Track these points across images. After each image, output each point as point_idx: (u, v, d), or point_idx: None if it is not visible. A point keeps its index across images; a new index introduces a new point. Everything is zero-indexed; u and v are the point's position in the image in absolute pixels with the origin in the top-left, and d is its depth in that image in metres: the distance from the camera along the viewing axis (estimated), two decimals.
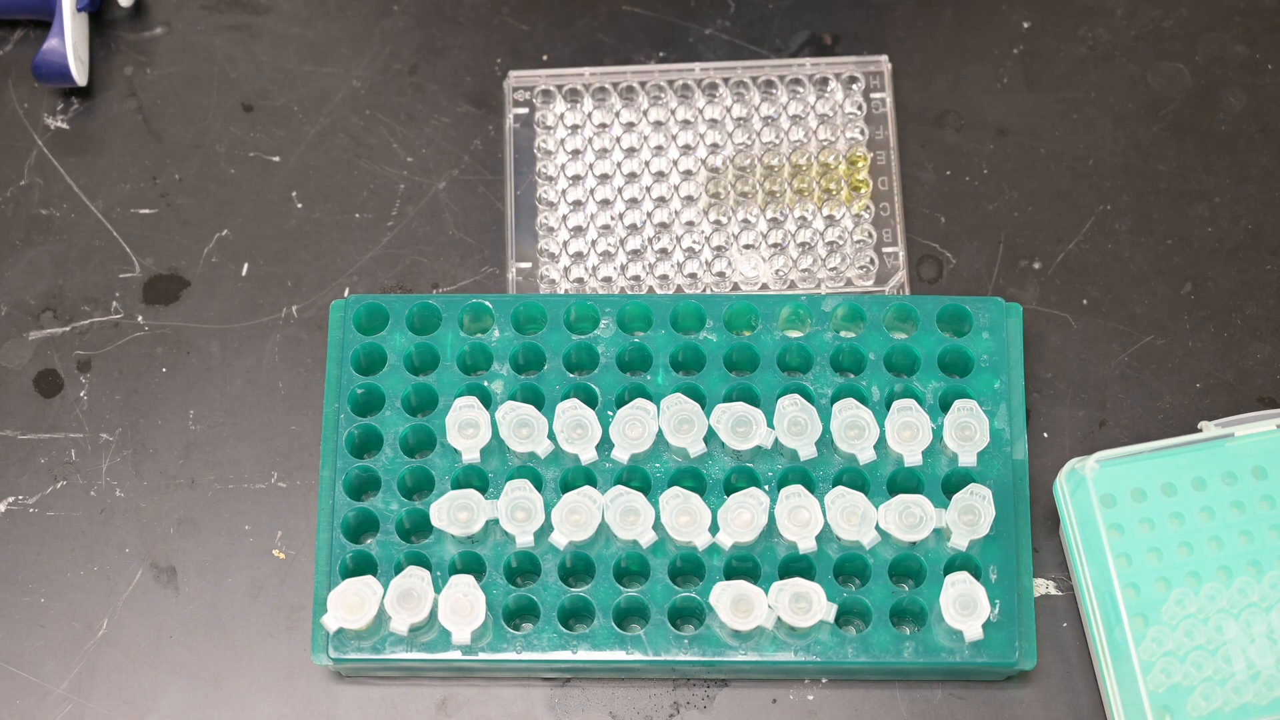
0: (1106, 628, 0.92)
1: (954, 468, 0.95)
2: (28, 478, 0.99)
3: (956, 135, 1.05)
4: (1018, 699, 0.95)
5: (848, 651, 0.92)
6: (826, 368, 0.96)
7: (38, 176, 1.05)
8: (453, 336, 0.98)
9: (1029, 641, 0.92)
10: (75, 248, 1.04)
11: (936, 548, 0.93)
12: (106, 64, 1.07)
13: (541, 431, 0.95)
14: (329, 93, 1.06)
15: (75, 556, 0.98)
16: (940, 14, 1.08)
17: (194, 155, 1.06)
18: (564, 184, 1.03)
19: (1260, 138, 1.05)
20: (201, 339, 1.02)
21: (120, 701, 0.95)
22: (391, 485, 0.95)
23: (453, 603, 0.92)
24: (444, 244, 1.03)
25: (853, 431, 0.94)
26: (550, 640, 0.92)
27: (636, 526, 0.93)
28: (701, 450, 0.95)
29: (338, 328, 0.98)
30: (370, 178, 1.05)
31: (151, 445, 1.00)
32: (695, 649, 0.92)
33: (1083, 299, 1.02)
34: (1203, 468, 0.93)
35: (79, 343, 1.02)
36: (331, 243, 1.04)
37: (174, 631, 0.97)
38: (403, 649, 0.92)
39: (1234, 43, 1.07)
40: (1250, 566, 0.92)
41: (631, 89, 1.05)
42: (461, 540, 0.94)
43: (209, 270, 1.03)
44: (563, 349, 0.97)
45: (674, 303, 0.98)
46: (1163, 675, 0.90)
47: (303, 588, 0.97)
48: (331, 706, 0.95)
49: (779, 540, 0.94)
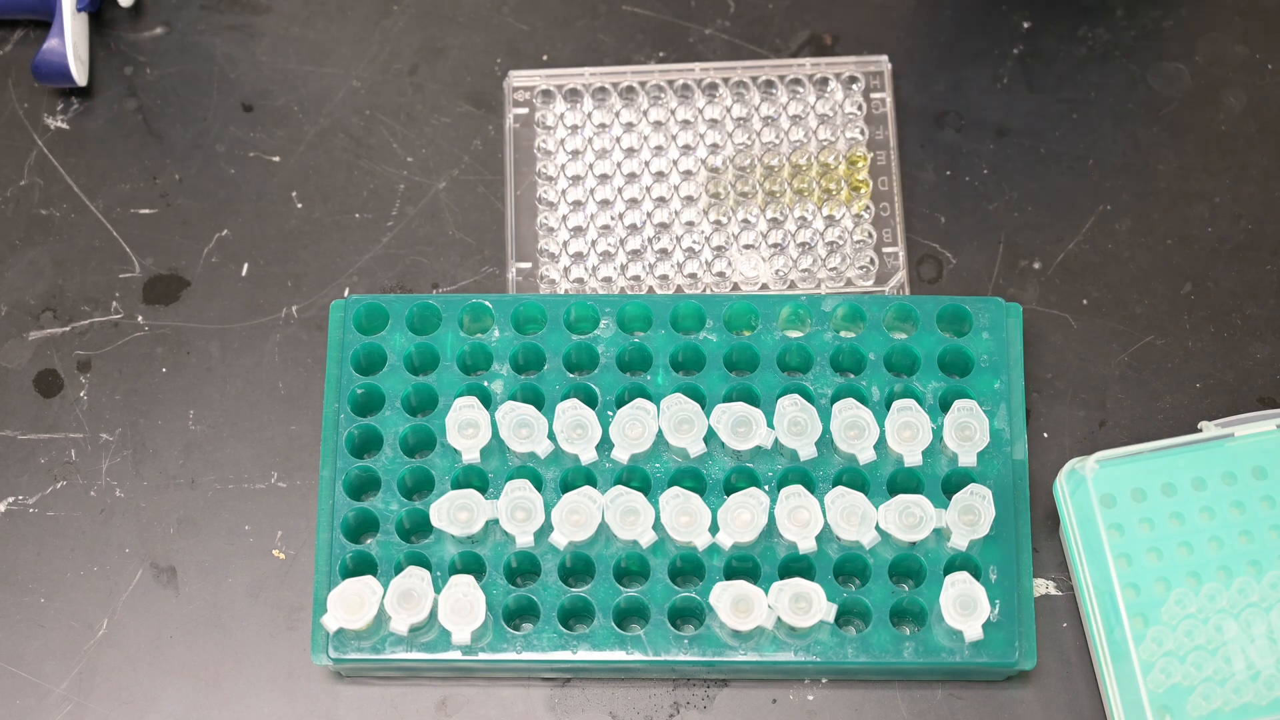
0: (1106, 628, 0.92)
1: (954, 468, 0.95)
2: (28, 478, 0.99)
3: (956, 135, 1.05)
4: (1018, 699, 0.95)
5: (848, 651, 0.92)
6: (826, 368, 0.97)
7: (38, 176, 1.05)
8: (453, 336, 0.98)
9: (1029, 641, 0.92)
10: (75, 248, 1.04)
11: (936, 548, 0.93)
12: (106, 64, 1.07)
13: (541, 431, 0.95)
14: (329, 93, 1.06)
15: (75, 556, 0.98)
16: (940, 14, 1.08)
17: (194, 155, 1.06)
18: (564, 184, 1.03)
19: (1260, 138, 1.05)
20: (201, 339, 1.02)
21: (120, 701, 0.95)
22: (391, 485, 0.95)
23: (453, 603, 0.92)
24: (444, 244, 1.03)
25: (853, 431, 0.94)
26: (550, 640, 0.92)
27: (636, 526, 0.93)
28: (701, 450, 0.95)
29: (338, 328, 0.98)
30: (370, 178, 1.05)
31: (151, 445, 1.00)
32: (695, 649, 0.92)
33: (1083, 299, 1.02)
34: (1203, 468, 0.93)
35: (79, 343, 1.02)
36: (331, 243, 1.04)
37: (174, 631, 0.97)
38: (403, 649, 0.92)
39: (1234, 43, 1.07)
40: (1250, 566, 0.92)
41: (631, 89, 1.05)
42: (461, 540, 0.94)
43: (209, 270, 1.03)
44: (563, 349, 0.97)
45: (674, 303, 0.98)
46: (1162, 675, 0.90)
47: (303, 588, 0.97)
48: (331, 706, 0.95)
49: (779, 540, 0.94)
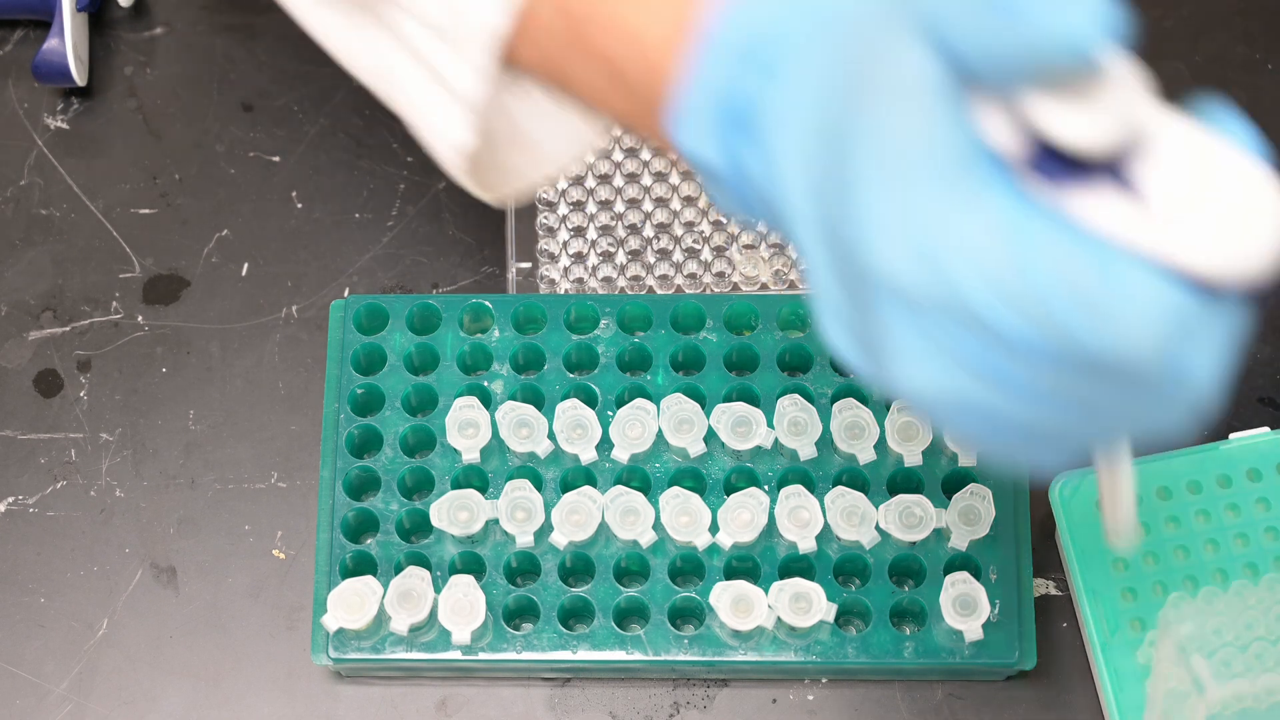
0: (1104, 632, 0.92)
1: (954, 468, 0.95)
2: (28, 478, 0.99)
3: None
4: (1018, 699, 0.95)
5: (848, 651, 0.92)
6: (826, 368, 0.97)
7: (38, 176, 1.05)
8: (453, 336, 0.98)
9: (1029, 641, 0.92)
10: (75, 248, 1.04)
11: (936, 548, 0.93)
12: (106, 64, 1.07)
13: (541, 431, 0.95)
14: (329, 93, 1.06)
15: (75, 556, 0.98)
16: None
17: (194, 155, 1.06)
18: (564, 184, 1.03)
19: (1260, 138, 1.04)
20: (201, 339, 1.02)
21: (120, 701, 0.95)
22: (391, 485, 0.95)
23: (453, 603, 0.92)
24: (444, 244, 1.03)
25: (853, 431, 0.94)
26: (550, 640, 0.92)
27: (636, 526, 0.93)
28: (701, 450, 0.95)
29: (338, 328, 0.98)
30: (370, 178, 1.05)
31: (151, 445, 1.00)
32: (695, 649, 0.92)
33: None
34: (1197, 471, 0.93)
35: (79, 343, 1.02)
36: (331, 243, 1.04)
37: (174, 631, 0.97)
38: (403, 649, 0.92)
39: (1234, 43, 1.07)
40: (1246, 569, 0.92)
41: None
42: (461, 540, 0.94)
43: (209, 270, 1.03)
44: (563, 349, 0.97)
45: (674, 303, 0.98)
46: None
47: (303, 588, 0.97)
48: (331, 706, 0.95)
49: (779, 540, 0.94)
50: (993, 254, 0.58)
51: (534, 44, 0.73)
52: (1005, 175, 0.59)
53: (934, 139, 0.59)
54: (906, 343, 0.61)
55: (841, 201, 0.61)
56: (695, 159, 0.68)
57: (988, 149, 0.60)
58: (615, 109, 0.73)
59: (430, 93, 0.76)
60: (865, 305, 0.62)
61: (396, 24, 0.76)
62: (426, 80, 0.76)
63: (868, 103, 0.61)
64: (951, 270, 0.58)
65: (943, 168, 0.59)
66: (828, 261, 0.63)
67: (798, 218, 0.64)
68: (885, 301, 0.61)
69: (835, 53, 0.63)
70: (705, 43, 0.66)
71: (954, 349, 0.60)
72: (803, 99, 0.63)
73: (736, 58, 0.65)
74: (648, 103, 0.70)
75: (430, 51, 0.75)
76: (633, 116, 0.72)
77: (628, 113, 0.72)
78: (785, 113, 0.64)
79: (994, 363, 0.60)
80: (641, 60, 0.69)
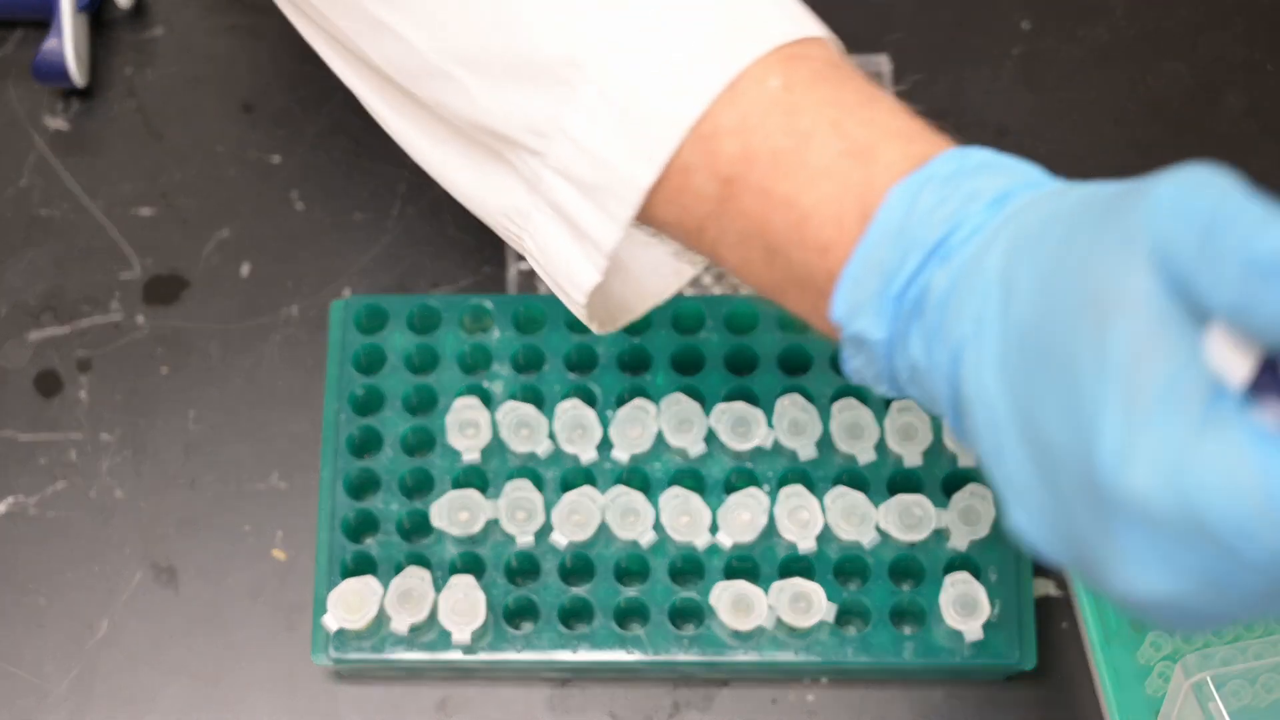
0: (1104, 633, 0.92)
1: (954, 468, 0.95)
2: (28, 478, 0.99)
3: (956, 135, 1.05)
4: (1018, 699, 0.95)
5: (848, 651, 0.92)
6: (826, 368, 0.97)
7: (38, 177, 1.05)
8: (453, 337, 0.98)
9: (1029, 642, 0.92)
10: (75, 248, 1.04)
11: (936, 548, 0.93)
12: (106, 64, 1.07)
13: (542, 431, 0.95)
14: (329, 93, 1.06)
15: (75, 556, 0.98)
16: (940, 14, 1.08)
17: (194, 155, 1.06)
18: None
19: (1260, 138, 1.05)
20: (201, 339, 1.02)
21: (120, 701, 0.95)
22: (391, 485, 0.95)
23: (453, 603, 0.92)
24: (444, 244, 1.03)
25: (853, 431, 0.95)
26: (550, 640, 0.92)
27: (636, 526, 0.93)
28: (701, 450, 0.95)
29: (338, 328, 0.98)
30: (370, 178, 1.05)
31: (151, 445, 1.00)
32: (695, 649, 0.92)
33: None
34: None
35: (79, 343, 1.02)
36: (331, 243, 1.04)
37: (174, 631, 0.97)
38: (403, 649, 0.92)
39: (1234, 43, 1.07)
40: None
41: None
42: (461, 540, 0.94)
43: (209, 270, 1.03)
44: (563, 349, 0.97)
45: (674, 303, 0.98)
46: (1160, 680, 0.90)
47: (303, 588, 0.97)
48: (331, 706, 0.95)
49: (779, 540, 0.94)
50: (1241, 484, 0.57)
51: (676, 204, 0.73)
52: (1239, 399, 0.59)
53: (1173, 368, 0.58)
54: (1135, 553, 0.60)
55: (1064, 414, 0.61)
56: (851, 331, 0.69)
57: (1218, 375, 0.59)
58: (759, 276, 0.73)
59: (560, 235, 0.76)
60: (1085, 511, 0.61)
61: (533, 171, 0.76)
62: (557, 223, 0.76)
63: (1096, 321, 0.60)
64: (1200, 499, 0.58)
65: (1184, 396, 0.58)
66: (1027, 458, 0.63)
67: (988, 414, 0.64)
68: (1117, 515, 0.60)
69: (1048, 261, 0.63)
70: (880, 226, 0.68)
71: (1186, 561, 0.59)
72: (1010, 300, 0.63)
73: (918, 246, 0.67)
74: (802, 280, 0.71)
75: (566, 200, 0.75)
76: (778, 286, 0.73)
77: (773, 282, 0.73)
78: (986, 309, 0.64)
79: (1226, 572, 0.59)
80: (806, 238, 0.70)
